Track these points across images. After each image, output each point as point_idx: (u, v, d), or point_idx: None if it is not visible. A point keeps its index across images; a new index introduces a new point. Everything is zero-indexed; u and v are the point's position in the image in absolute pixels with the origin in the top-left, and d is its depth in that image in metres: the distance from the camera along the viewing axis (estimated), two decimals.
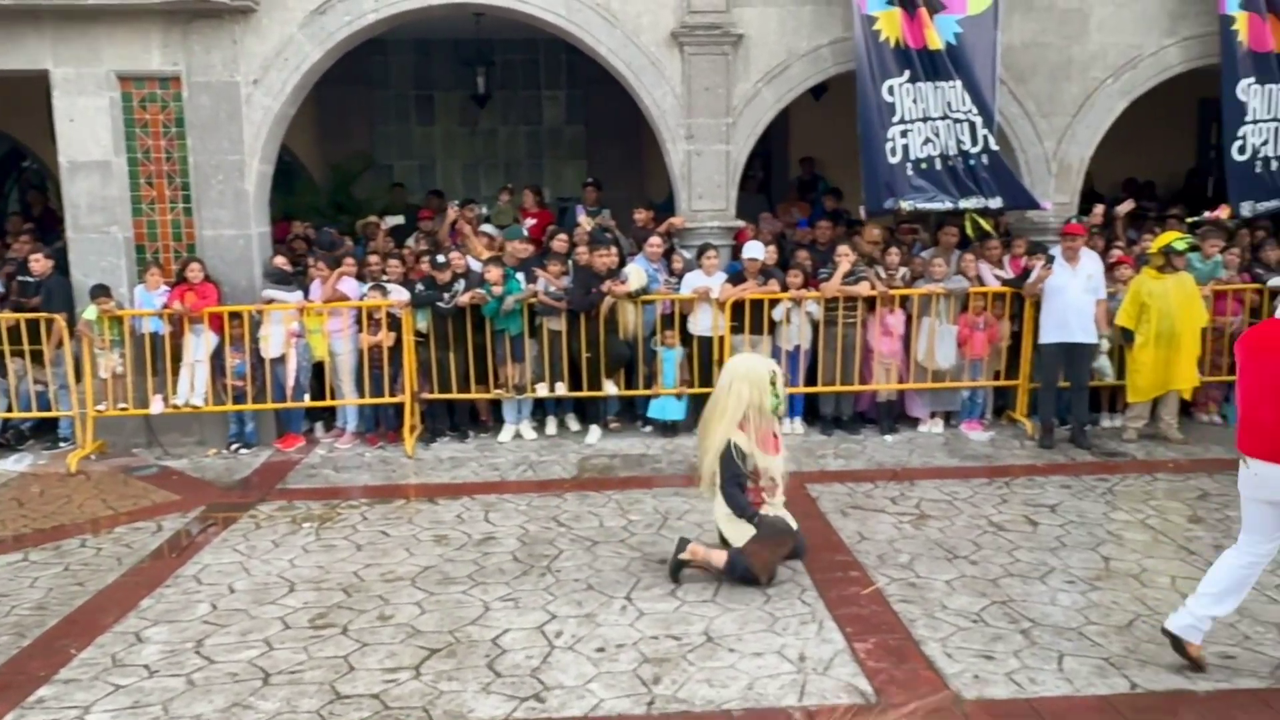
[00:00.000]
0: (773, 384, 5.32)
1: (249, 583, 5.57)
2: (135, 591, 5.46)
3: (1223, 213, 8.99)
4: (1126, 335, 8.11)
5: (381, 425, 8.61)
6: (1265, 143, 8.90)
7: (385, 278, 8.46)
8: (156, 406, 8.18)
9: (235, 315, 8.19)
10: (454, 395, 8.43)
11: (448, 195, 10.80)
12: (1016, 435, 8.42)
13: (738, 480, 5.31)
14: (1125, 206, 9.41)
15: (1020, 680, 4.30)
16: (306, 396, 8.42)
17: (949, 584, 5.36)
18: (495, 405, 8.79)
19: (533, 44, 12.37)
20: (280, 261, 8.46)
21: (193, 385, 8.16)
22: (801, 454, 7.93)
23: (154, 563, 5.94)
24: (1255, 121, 8.84)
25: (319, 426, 8.85)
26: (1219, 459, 7.69)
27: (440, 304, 8.18)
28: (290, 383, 8.24)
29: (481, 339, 8.35)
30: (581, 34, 8.50)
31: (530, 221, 10.09)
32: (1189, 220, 9.37)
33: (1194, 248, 8.14)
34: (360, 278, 8.54)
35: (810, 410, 8.76)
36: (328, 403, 8.60)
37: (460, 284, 8.24)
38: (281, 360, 8.25)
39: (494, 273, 8.15)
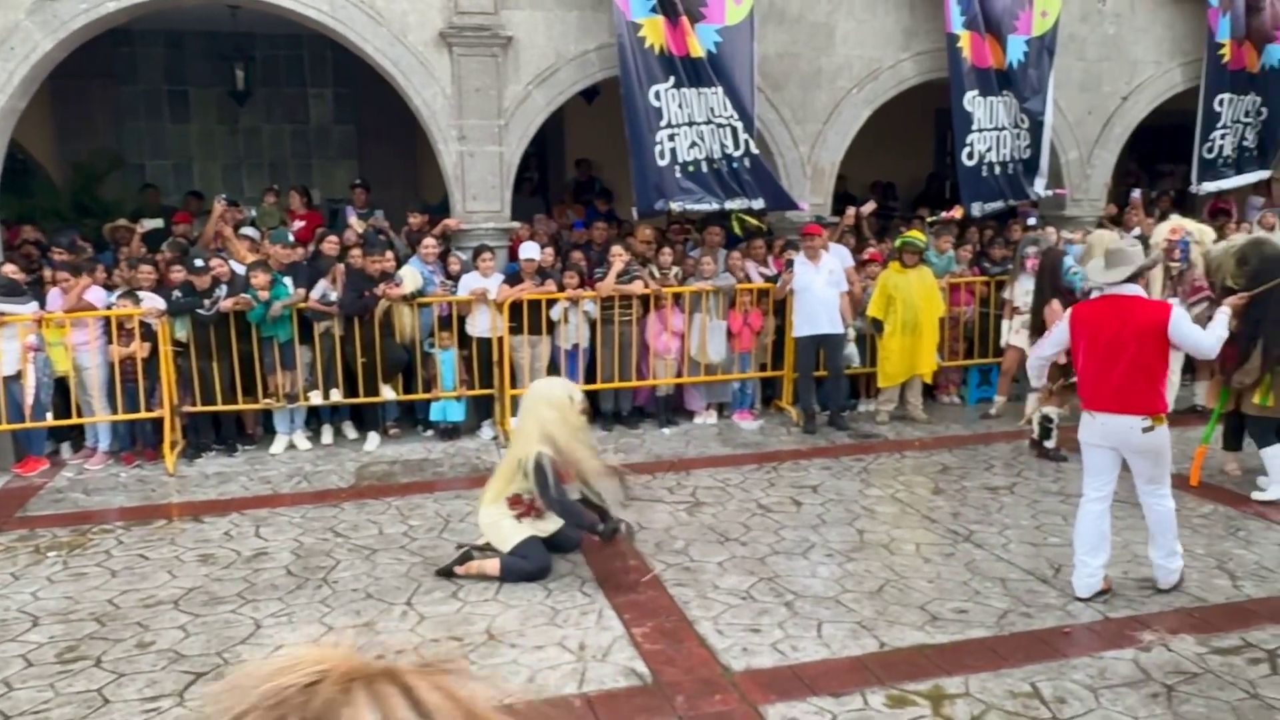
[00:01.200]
0: (571, 402, 5.47)
1: None
2: None
3: (956, 213, 9.93)
4: (877, 325, 8.79)
5: (139, 442, 8.05)
6: (989, 149, 9.91)
7: (136, 285, 7.91)
8: None
9: None
10: (219, 407, 8.00)
11: (208, 197, 10.22)
12: (784, 423, 8.94)
13: (558, 491, 5.38)
14: (868, 207, 10.18)
15: (784, 649, 4.60)
16: (49, 415, 7.74)
17: (721, 565, 5.64)
18: (266, 416, 8.41)
19: (296, 39, 11.89)
20: (10, 270, 7.71)
21: None
22: None
23: None
24: (980, 130, 9.83)
25: (65, 447, 8.16)
26: (958, 435, 8.49)
27: (201, 311, 7.74)
28: (29, 401, 7.55)
29: (248, 347, 7.98)
30: (346, 31, 8.29)
31: (298, 224, 9.72)
32: (929, 220, 10.27)
33: (918, 249, 8.85)
34: (110, 285, 7.94)
35: (591, 407, 8.92)
36: (74, 421, 7.94)
37: (222, 289, 7.83)
38: (17, 377, 7.55)
39: (261, 278, 7.80)
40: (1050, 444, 7.67)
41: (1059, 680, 4.27)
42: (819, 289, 8.43)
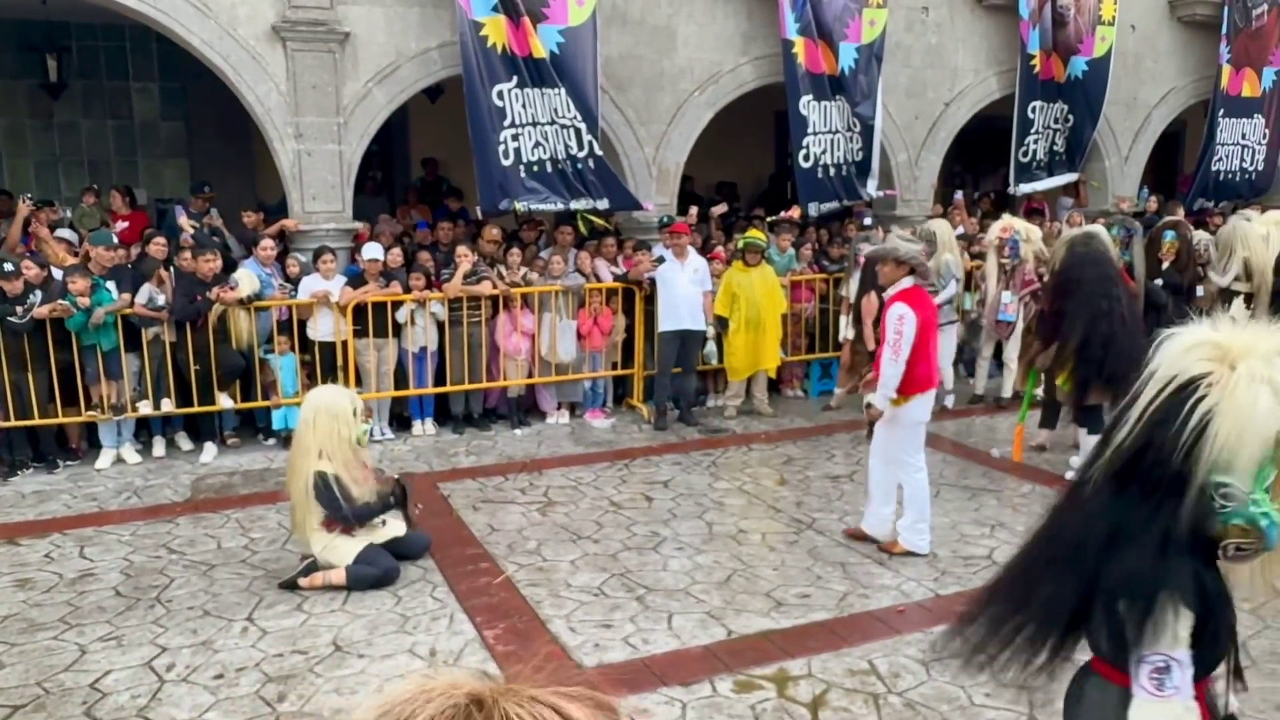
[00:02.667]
0: (354, 414, 5.34)
1: None
2: None
3: (794, 213, 10.28)
4: (722, 322, 9.01)
5: None
6: (824, 152, 10.31)
7: None
8: None
9: None
10: (36, 421, 7.48)
11: (18, 195, 9.51)
12: (635, 420, 9.05)
13: (336, 506, 5.26)
14: (719, 209, 10.42)
15: (635, 643, 4.68)
16: None
17: (573, 563, 5.68)
18: (90, 429, 7.91)
19: (117, 30, 11.20)
20: None
21: None
22: (433, 454, 7.98)
23: None
24: (815, 134, 10.21)
25: None
26: (802, 428, 8.80)
27: (12, 319, 7.21)
28: None
29: (68, 356, 7.48)
30: (170, 22, 7.89)
31: (122, 225, 9.18)
32: (769, 220, 10.59)
33: (760, 248, 9.12)
34: None
35: (441, 410, 8.81)
36: None
37: (37, 295, 7.32)
38: None
39: (80, 282, 7.33)
40: None
41: (893, 656, 4.50)
42: (683, 286, 8.59)
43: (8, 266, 7.33)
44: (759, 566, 5.60)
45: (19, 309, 7.23)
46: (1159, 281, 8.21)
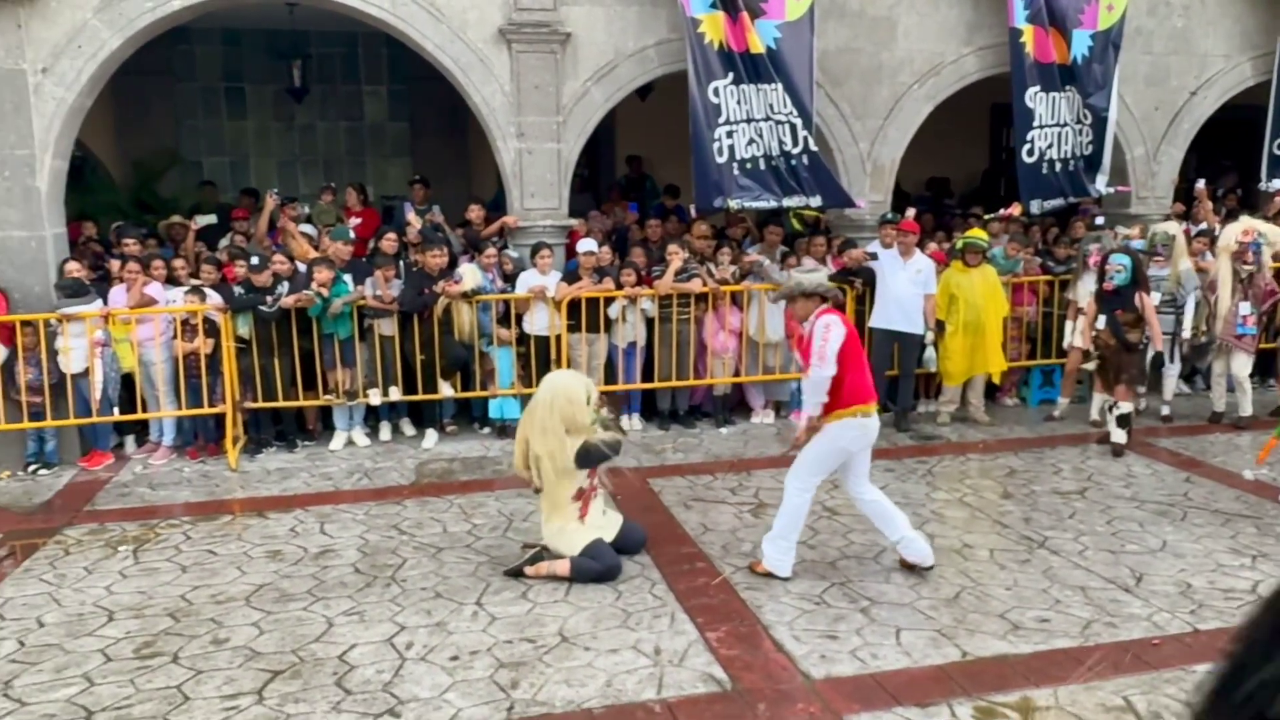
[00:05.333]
0: (588, 401, 5.40)
1: (60, 614, 5.13)
2: None
3: (1015, 210, 9.74)
4: (939, 325, 8.64)
5: (201, 438, 8.11)
6: (1050, 146, 9.70)
7: (200, 281, 7.97)
8: None
9: (28, 324, 7.51)
10: (280, 403, 8.04)
11: (262, 193, 10.27)
12: None
13: (602, 456, 5.43)
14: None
15: (863, 657, 4.51)
16: (115, 410, 7.83)
17: (791, 569, 5.55)
18: (325, 412, 8.44)
19: (351, 37, 11.95)
20: (74, 269, 7.74)
21: None
22: (640, 449, 8.03)
23: None
24: (1041, 127, 9.62)
25: (130, 441, 8.25)
26: (1022, 438, 8.33)
27: (263, 308, 7.78)
28: (96, 396, 7.63)
29: (308, 344, 8.01)
30: (406, 28, 8.28)
31: (355, 221, 9.74)
32: (986, 217, 10.09)
33: (981, 249, 8.67)
34: (168, 281, 8.00)
35: (648, 406, 8.88)
36: (140, 415, 8.02)
37: (284, 286, 7.86)
38: (85, 374, 7.63)
39: (323, 274, 7.82)
40: (1122, 439, 7.63)
41: (1152, 694, 4.14)
42: (901, 285, 8.30)
43: (255, 260, 7.91)
44: (989, 585, 5.30)
45: (269, 299, 7.78)
46: None
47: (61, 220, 8.07)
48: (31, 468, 7.67)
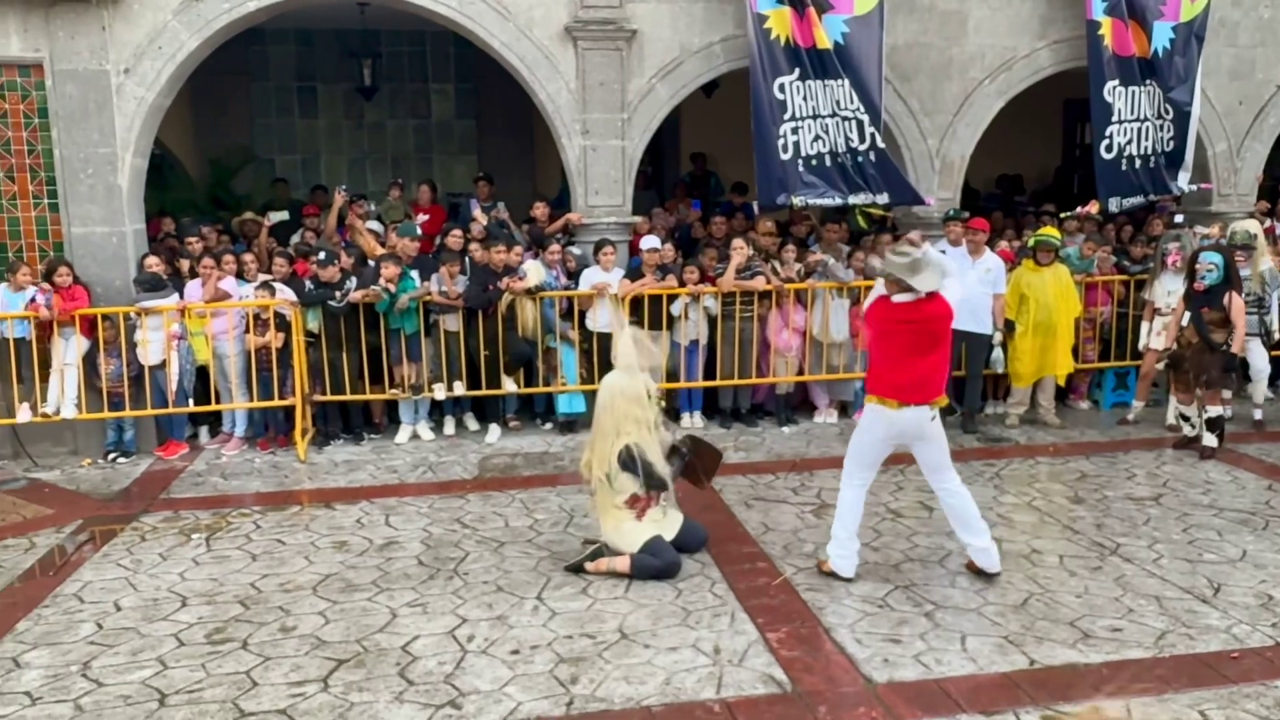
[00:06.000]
0: (648, 397, 5.40)
1: (136, 599, 5.29)
2: (10, 613, 5.11)
3: (1092, 208, 9.48)
4: (1008, 325, 8.46)
5: (271, 429, 8.29)
6: (1130, 142, 9.42)
7: (271, 276, 8.15)
8: (24, 415, 7.69)
9: (108, 317, 7.76)
10: (348, 396, 8.19)
11: (332, 190, 10.47)
12: None
13: (659, 466, 5.42)
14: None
15: (927, 662, 4.43)
16: (190, 401, 8.04)
17: (855, 570, 5.48)
18: (390, 406, 8.57)
19: (419, 36, 12.11)
20: (153, 264, 7.98)
21: (63, 392, 7.70)
22: None
23: (28, 582, 5.57)
24: (1120, 122, 9.35)
25: (204, 432, 8.47)
26: (1094, 442, 8.12)
27: (332, 303, 7.92)
28: (172, 387, 7.85)
29: (375, 338, 8.13)
30: (474, 27, 8.36)
31: (423, 217, 9.87)
32: (1063, 216, 9.84)
33: (1053, 247, 8.46)
34: (240, 276, 8.20)
35: (709, 404, 8.85)
36: (214, 407, 8.23)
37: (352, 282, 8.00)
38: (161, 366, 7.86)
39: (391, 270, 7.94)
40: (1213, 443, 7.42)
41: (1230, 710, 4.00)
42: (969, 284, 8.12)
43: (322, 256, 8.05)
44: (1059, 592, 5.17)
45: (338, 294, 7.92)
46: None
47: (141, 217, 8.32)
48: (111, 456, 7.92)
